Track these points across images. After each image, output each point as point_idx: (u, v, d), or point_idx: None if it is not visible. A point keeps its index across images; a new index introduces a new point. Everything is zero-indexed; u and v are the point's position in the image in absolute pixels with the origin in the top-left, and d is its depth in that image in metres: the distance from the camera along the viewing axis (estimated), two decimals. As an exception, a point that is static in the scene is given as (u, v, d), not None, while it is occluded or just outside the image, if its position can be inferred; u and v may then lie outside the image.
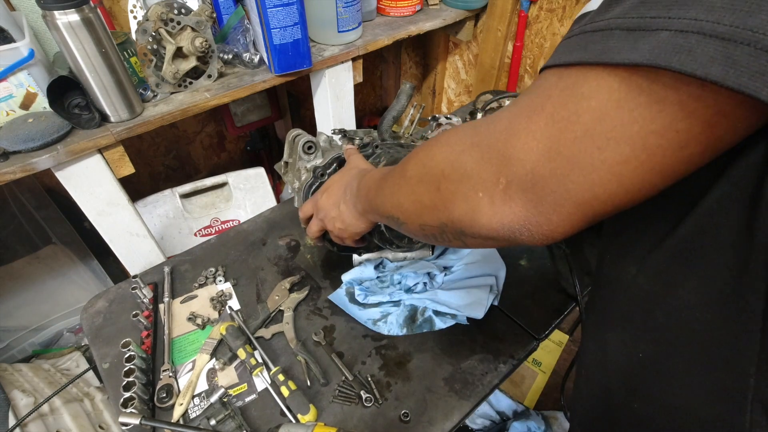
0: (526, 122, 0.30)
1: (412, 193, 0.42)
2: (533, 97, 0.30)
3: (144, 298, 0.79)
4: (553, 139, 0.28)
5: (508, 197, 0.31)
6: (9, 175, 0.82)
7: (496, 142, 0.32)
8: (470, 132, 0.36)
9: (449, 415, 0.66)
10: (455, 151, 0.36)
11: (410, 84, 0.83)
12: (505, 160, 0.31)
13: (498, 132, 0.32)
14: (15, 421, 0.95)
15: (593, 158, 0.27)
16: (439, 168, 0.37)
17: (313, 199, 0.69)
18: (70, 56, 0.81)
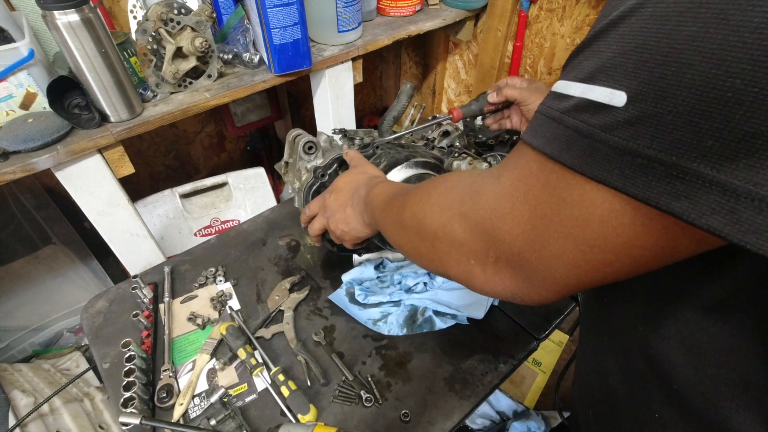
0: (510, 207, 0.31)
1: (410, 242, 0.44)
2: (516, 180, 0.31)
3: (144, 298, 0.79)
4: (537, 232, 0.29)
5: (498, 270, 0.33)
6: (9, 175, 0.82)
7: (483, 221, 0.33)
8: (458, 198, 0.37)
9: (449, 415, 0.66)
10: (446, 216, 0.37)
11: (410, 84, 0.83)
12: (492, 239, 0.33)
13: (484, 209, 0.33)
14: (15, 421, 0.95)
15: (577, 258, 0.28)
16: (432, 228, 0.39)
17: (321, 198, 0.69)
18: (70, 56, 0.81)
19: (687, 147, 0.21)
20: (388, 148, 0.72)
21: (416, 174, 0.68)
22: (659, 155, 0.22)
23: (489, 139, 1.11)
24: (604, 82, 0.25)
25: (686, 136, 0.21)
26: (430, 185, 0.43)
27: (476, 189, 0.35)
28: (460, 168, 0.73)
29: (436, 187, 0.41)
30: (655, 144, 0.22)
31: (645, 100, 0.23)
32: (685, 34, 0.21)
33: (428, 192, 0.42)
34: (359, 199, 0.61)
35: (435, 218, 0.39)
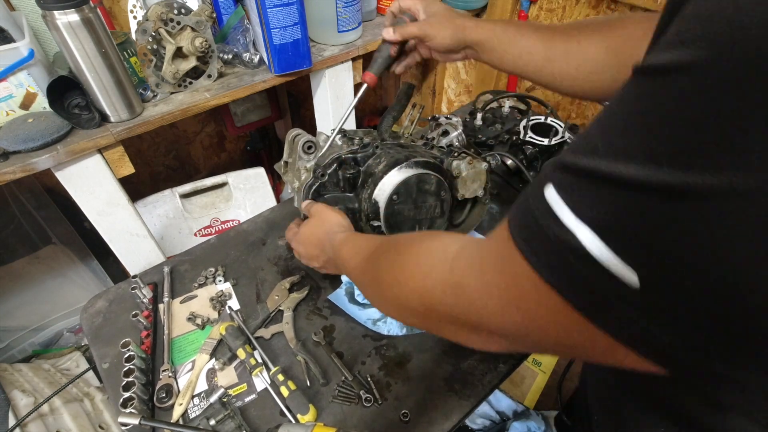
0: (500, 310, 0.30)
1: (397, 314, 0.44)
2: (504, 287, 0.30)
3: (144, 298, 0.78)
4: (529, 331, 0.30)
5: (491, 337, 0.34)
6: (9, 175, 0.82)
7: (469, 313, 0.33)
8: (435, 283, 0.36)
9: (449, 415, 0.66)
10: (428, 303, 0.37)
11: (410, 84, 0.82)
12: (483, 324, 0.33)
13: (468, 304, 0.33)
14: (15, 421, 0.95)
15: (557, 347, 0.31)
16: (418, 310, 0.39)
17: (294, 247, 0.71)
18: (70, 56, 0.82)
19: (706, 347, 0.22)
20: (387, 148, 0.72)
21: (416, 174, 0.68)
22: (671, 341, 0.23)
23: (488, 139, 1.11)
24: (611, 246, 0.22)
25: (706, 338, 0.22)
26: (399, 263, 0.41)
27: (457, 281, 0.34)
28: (459, 167, 0.73)
29: (409, 268, 0.39)
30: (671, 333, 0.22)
31: (658, 293, 0.22)
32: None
33: (403, 273, 0.40)
34: (329, 257, 0.62)
35: (417, 303, 0.38)
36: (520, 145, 1.02)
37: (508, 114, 1.16)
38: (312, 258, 0.67)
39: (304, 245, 0.68)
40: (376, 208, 0.69)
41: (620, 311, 0.23)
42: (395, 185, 0.67)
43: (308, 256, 0.68)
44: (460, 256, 0.35)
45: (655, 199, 0.21)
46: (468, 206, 0.82)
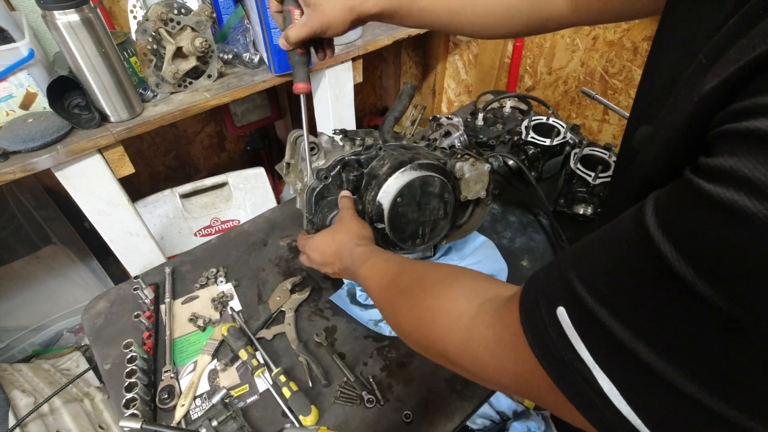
0: (515, 387, 0.33)
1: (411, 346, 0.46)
2: (512, 375, 0.32)
3: (145, 299, 0.78)
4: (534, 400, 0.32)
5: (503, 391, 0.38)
6: (9, 175, 0.82)
7: (481, 375, 0.36)
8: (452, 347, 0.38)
9: (451, 416, 0.66)
10: (445, 356, 0.39)
11: (411, 84, 0.82)
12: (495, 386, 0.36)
13: (487, 375, 0.35)
14: (15, 421, 0.95)
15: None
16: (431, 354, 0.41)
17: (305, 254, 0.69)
18: (70, 56, 0.81)
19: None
20: (390, 150, 0.72)
21: (420, 177, 0.67)
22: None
23: (490, 139, 1.11)
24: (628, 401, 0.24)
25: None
26: (419, 314, 0.43)
27: (474, 354, 0.36)
28: (463, 169, 0.73)
29: (429, 323, 0.41)
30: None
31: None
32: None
33: (422, 322, 0.42)
34: (347, 269, 0.61)
35: (436, 351, 0.40)
36: (522, 145, 1.02)
37: (510, 114, 1.16)
38: (326, 264, 0.65)
39: (319, 251, 0.66)
40: (380, 210, 0.68)
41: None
42: (399, 187, 0.67)
43: (322, 262, 0.66)
44: (474, 329, 0.36)
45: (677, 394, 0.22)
46: (471, 207, 0.82)
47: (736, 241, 0.18)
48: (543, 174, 1.05)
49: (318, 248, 0.66)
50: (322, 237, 0.66)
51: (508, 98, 1.19)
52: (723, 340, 0.20)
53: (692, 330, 0.21)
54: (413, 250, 0.78)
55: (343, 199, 0.69)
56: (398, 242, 0.72)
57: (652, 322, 0.22)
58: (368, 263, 0.55)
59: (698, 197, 0.20)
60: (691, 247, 0.20)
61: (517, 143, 1.05)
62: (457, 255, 0.87)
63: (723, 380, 0.21)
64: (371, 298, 0.54)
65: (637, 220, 0.23)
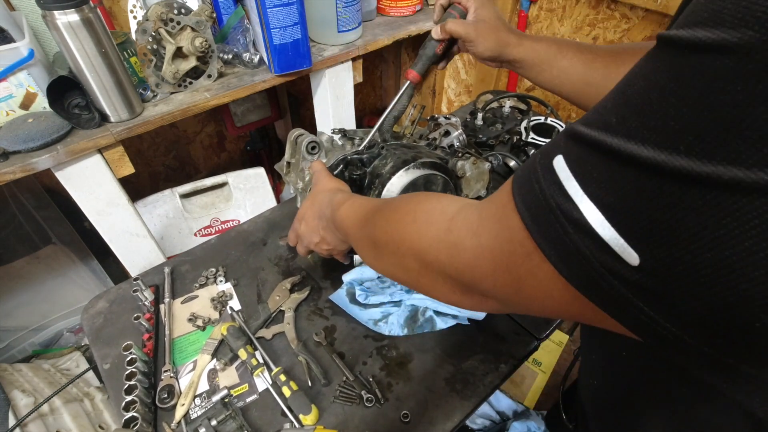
0: (492, 270, 0.31)
1: (392, 273, 0.44)
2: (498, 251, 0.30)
3: (145, 301, 0.78)
4: (522, 295, 0.30)
5: (484, 299, 0.34)
6: (9, 175, 0.82)
7: (463, 274, 0.33)
8: (431, 242, 0.36)
9: (450, 415, 0.66)
10: (424, 261, 0.37)
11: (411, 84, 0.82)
12: (475, 286, 0.33)
13: (463, 265, 0.33)
14: (15, 421, 0.95)
15: (543, 312, 0.31)
16: (412, 268, 0.39)
17: (293, 229, 0.71)
18: (70, 56, 0.81)
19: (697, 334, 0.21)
20: (393, 149, 0.72)
21: (423, 175, 0.68)
22: (664, 322, 0.22)
23: (489, 139, 1.11)
24: (615, 224, 0.22)
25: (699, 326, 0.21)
26: (398, 221, 0.41)
27: (453, 241, 0.34)
28: (464, 168, 0.73)
29: (407, 227, 0.40)
30: (663, 315, 0.22)
31: (657, 276, 0.21)
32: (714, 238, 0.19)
33: (399, 231, 0.41)
34: (327, 221, 0.61)
35: (413, 260, 0.39)
36: (522, 146, 1.02)
37: (509, 114, 1.16)
38: (311, 231, 0.65)
39: (305, 221, 0.67)
40: (382, 209, 0.69)
41: (614, 288, 0.23)
42: (403, 186, 0.67)
43: (308, 230, 0.66)
44: (457, 217, 0.35)
45: (669, 184, 0.20)
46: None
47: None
48: (543, 174, 1.05)
49: (303, 218, 0.67)
50: (303, 205, 0.68)
51: (508, 98, 1.19)
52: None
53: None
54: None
55: (314, 164, 0.71)
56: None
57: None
58: (345, 205, 0.56)
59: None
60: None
61: (517, 144, 1.05)
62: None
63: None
64: (350, 237, 0.53)
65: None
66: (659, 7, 1.08)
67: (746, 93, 0.17)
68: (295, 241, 0.71)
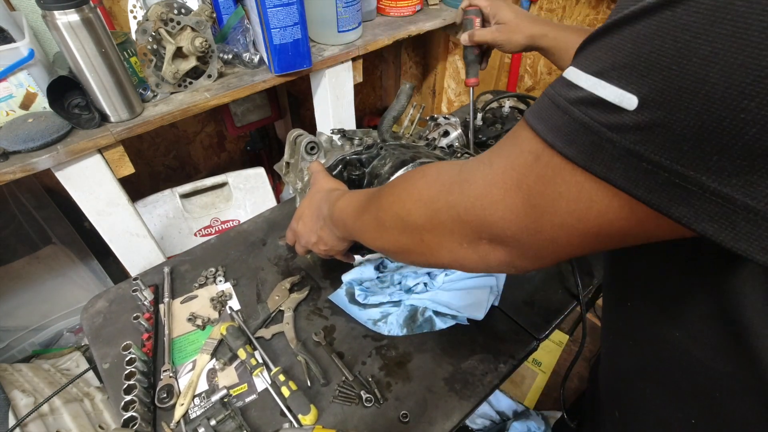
0: (502, 195, 0.31)
1: (395, 241, 0.43)
2: (508, 167, 0.31)
3: (145, 300, 0.78)
4: (531, 219, 0.30)
5: (492, 248, 0.34)
6: (9, 175, 0.82)
7: (473, 208, 0.33)
8: (443, 189, 0.36)
9: (449, 415, 0.66)
10: (432, 209, 0.37)
11: (410, 84, 0.82)
12: (485, 224, 0.33)
13: (474, 197, 0.33)
14: (15, 421, 0.95)
15: (571, 241, 0.30)
16: (418, 223, 0.39)
17: (291, 228, 0.71)
18: (70, 56, 0.81)
19: (693, 159, 0.22)
20: (391, 149, 0.72)
21: None
22: (665, 163, 0.23)
23: (489, 139, 1.11)
24: (615, 81, 0.24)
25: (694, 148, 0.22)
26: (405, 182, 0.42)
27: (465, 177, 0.34)
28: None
29: (415, 183, 0.40)
30: (663, 152, 0.23)
31: (656, 108, 0.23)
32: (705, 49, 0.21)
33: (406, 189, 0.41)
34: (324, 219, 0.61)
35: (420, 213, 0.38)
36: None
37: (509, 114, 1.16)
38: (309, 231, 0.65)
39: (302, 220, 0.67)
40: (380, 209, 0.69)
41: (618, 145, 0.24)
42: None
43: (306, 231, 0.66)
44: (469, 161, 0.35)
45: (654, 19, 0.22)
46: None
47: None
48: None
49: (300, 217, 0.67)
50: (302, 204, 0.68)
51: (507, 98, 1.19)
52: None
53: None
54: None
55: (312, 165, 0.71)
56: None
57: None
58: (343, 198, 0.56)
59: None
60: None
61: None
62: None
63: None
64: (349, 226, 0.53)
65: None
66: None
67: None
68: (293, 240, 0.71)
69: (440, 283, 0.82)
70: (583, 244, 0.29)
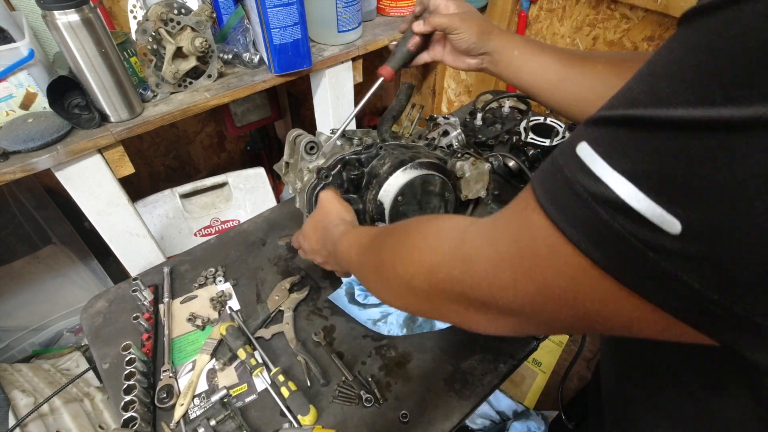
0: (512, 281, 0.28)
1: (400, 297, 0.41)
2: (518, 255, 0.28)
3: (144, 301, 0.78)
4: (548, 306, 0.27)
5: (498, 318, 0.31)
6: (9, 175, 0.82)
7: (479, 288, 0.31)
8: (444, 257, 0.34)
9: (449, 415, 0.66)
10: (435, 279, 0.35)
11: (410, 84, 0.82)
12: (493, 302, 0.30)
13: (479, 278, 0.30)
14: (15, 421, 0.95)
15: (591, 329, 0.28)
16: (422, 288, 0.36)
17: (297, 241, 0.70)
18: (70, 56, 0.81)
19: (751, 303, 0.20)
20: (391, 149, 0.72)
21: (421, 175, 0.67)
22: (715, 297, 0.20)
23: (488, 139, 1.11)
24: (653, 195, 0.20)
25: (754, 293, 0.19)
26: (406, 237, 0.39)
27: (468, 254, 0.31)
28: (463, 168, 0.73)
29: (416, 245, 0.37)
30: (713, 287, 0.20)
31: (705, 241, 0.19)
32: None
33: (407, 248, 0.38)
34: (329, 251, 0.61)
35: (423, 279, 0.36)
36: (522, 146, 1.02)
37: (508, 114, 1.16)
38: (315, 252, 0.66)
39: (307, 239, 0.67)
40: (381, 209, 0.68)
41: (654, 263, 0.21)
42: (400, 186, 0.67)
43: (311, 251, 0.66)
44: (470, 229, 0.33)
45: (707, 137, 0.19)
46: (470, 207, 0.82)
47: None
48: (542, 174, 1.05)
49: (307, 237, 0.67)
50: (308, 225, 0.67)
51: (507, 98, 1.19)
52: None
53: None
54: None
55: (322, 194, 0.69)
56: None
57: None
58: (346, 238, 0.55)
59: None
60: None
61: (516, 144, 1.05)
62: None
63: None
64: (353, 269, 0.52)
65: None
66: (659, 7, 1.08)
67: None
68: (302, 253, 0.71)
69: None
70: (603, 331, 0.27)
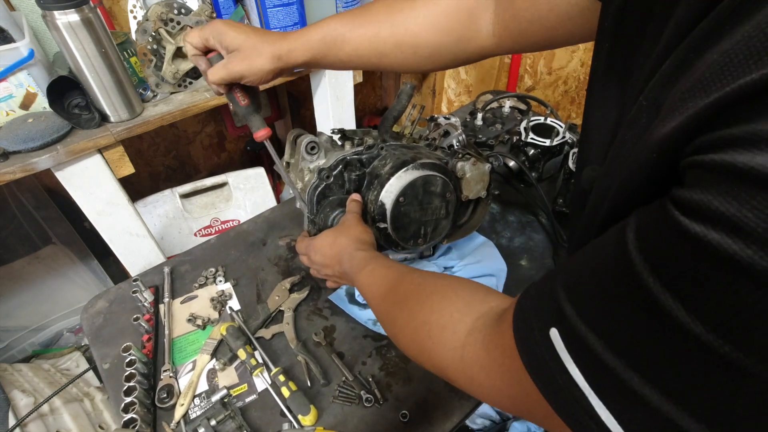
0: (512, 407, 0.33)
1: (411, 355, 0.45)
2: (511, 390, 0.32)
3: (144, 302, 0.78)
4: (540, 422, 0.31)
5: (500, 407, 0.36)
6: (9, 175, 0.82)
7: (486, 398, 0.36)
8: (453, 355, 0.37)
9: (449, 415, 0.66)
10: (446, 375, 0.39)
11: (411, 84, 0.82)
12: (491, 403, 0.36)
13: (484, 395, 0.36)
14: (15, 421, 0.95)
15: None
16: (432, 370, 0.41)
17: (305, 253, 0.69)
18: (70, 56, 0.81)
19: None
20: (392, 149, 0.72)
21: (422, 176, 0.67)
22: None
23: (489, 139, 1.11)
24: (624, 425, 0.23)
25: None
26: (413, 324, 0.43)
27: (469, 375, 0.36)
28: (464, 169, 0.73)
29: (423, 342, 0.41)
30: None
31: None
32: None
33: (417, 344, 0.42)
34: (345, 274, 0.61)
35: (430, 367, 0.41)
36: (522, 146, 1.02)
37: (509, 114, 1.16)
38: (326, 267, 0.65)
39: (321, 253, 0.65)
40: (383, 209, 0.68)
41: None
42: (402, 187, 0.67)
43: (322, 265, 0.66)
44: (467, 346, 0.36)
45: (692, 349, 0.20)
46: (471, 207, 0.82)
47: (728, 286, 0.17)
48: (543, 174, 1.05)
49: (320, 250, 0.66)
50: (324, 238, 0.66)
51: (507, 98, 1.19)
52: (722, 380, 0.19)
53: (686, 366, 0.19)
54: (414, 250, 0.78)
55: (351, 203, 0.70)
56: (400, 242, 0.72)
57: (643, 354, 0.21)
58: (367, 269, 0.55)
59: (675, 228, 0.19)
60: (675, 281, 0.19)
61: (516, 144, 1.05)
62: (457, 254, 0.87)
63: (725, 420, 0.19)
64: (369, 305, 0.53)
65: (618, 242, 0.22)
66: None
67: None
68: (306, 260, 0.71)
69: (440, 283, 0.81)
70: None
